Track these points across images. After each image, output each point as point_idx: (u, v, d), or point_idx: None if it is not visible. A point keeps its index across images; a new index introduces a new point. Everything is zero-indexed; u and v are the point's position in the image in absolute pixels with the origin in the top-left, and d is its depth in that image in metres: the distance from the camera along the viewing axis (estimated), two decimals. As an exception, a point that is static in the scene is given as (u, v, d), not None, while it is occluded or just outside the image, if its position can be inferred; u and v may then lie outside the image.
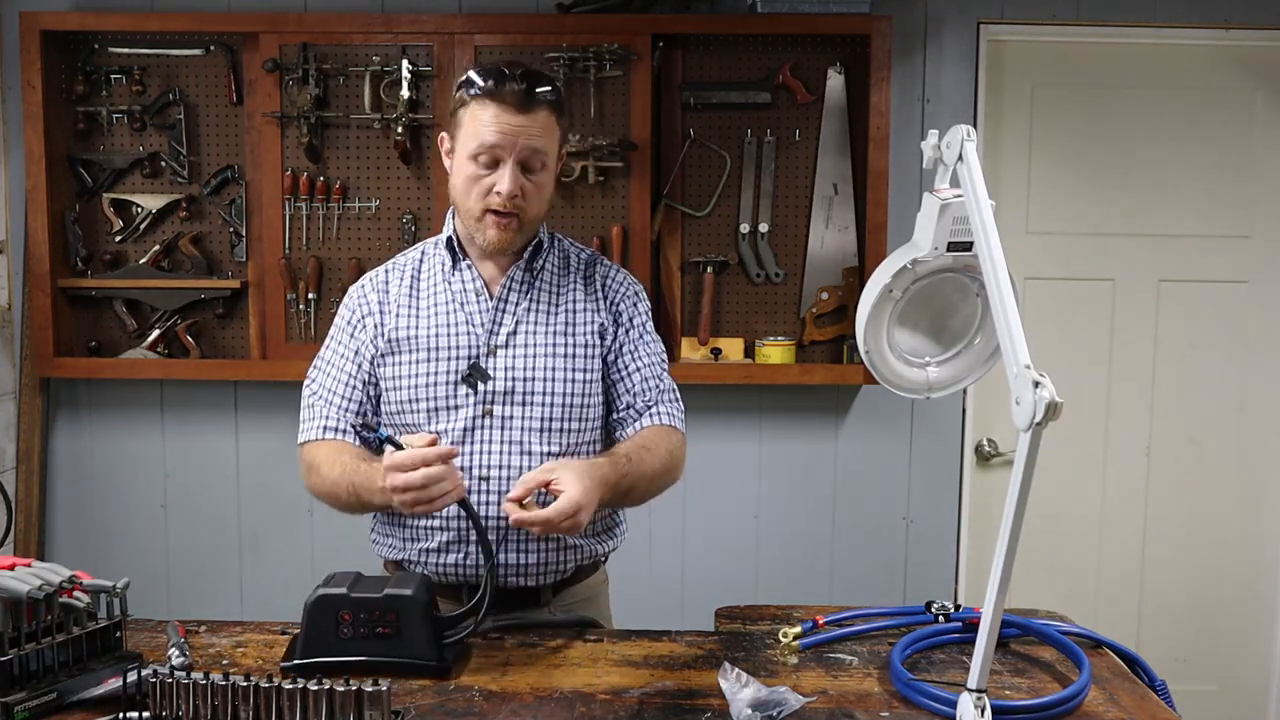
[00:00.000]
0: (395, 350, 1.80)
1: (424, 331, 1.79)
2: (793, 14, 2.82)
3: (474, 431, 1.76)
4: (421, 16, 2.86)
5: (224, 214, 2.97)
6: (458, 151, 1.75)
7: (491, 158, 1.71)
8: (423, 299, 1.83)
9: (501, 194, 1.71)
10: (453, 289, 1.82)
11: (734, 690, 1.40)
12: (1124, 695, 1.49)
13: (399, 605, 1.52)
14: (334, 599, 1.51)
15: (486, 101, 1.70)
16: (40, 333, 2.90)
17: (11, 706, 1.34)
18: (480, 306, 1.80)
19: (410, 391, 1.78)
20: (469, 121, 1.72)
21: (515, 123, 1.69)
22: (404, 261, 1.89)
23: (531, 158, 1.72)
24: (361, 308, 1.85)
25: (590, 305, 1.84)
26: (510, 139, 1.69)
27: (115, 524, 3.11)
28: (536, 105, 1.70)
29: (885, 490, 3.10)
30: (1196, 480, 3.17)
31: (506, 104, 1.69)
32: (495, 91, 1.69)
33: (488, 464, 1.76)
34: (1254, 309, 3.12)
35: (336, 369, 1.84)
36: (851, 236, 2.96)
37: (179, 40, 2.93)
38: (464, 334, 1.78)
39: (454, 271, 1.83)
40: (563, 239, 1.92)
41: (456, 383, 1.77)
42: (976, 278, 1.47)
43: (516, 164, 1.71)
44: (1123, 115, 3.06)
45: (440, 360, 1.78)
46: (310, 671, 1.43)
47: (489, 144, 1.70)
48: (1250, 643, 3.22)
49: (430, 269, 1.86)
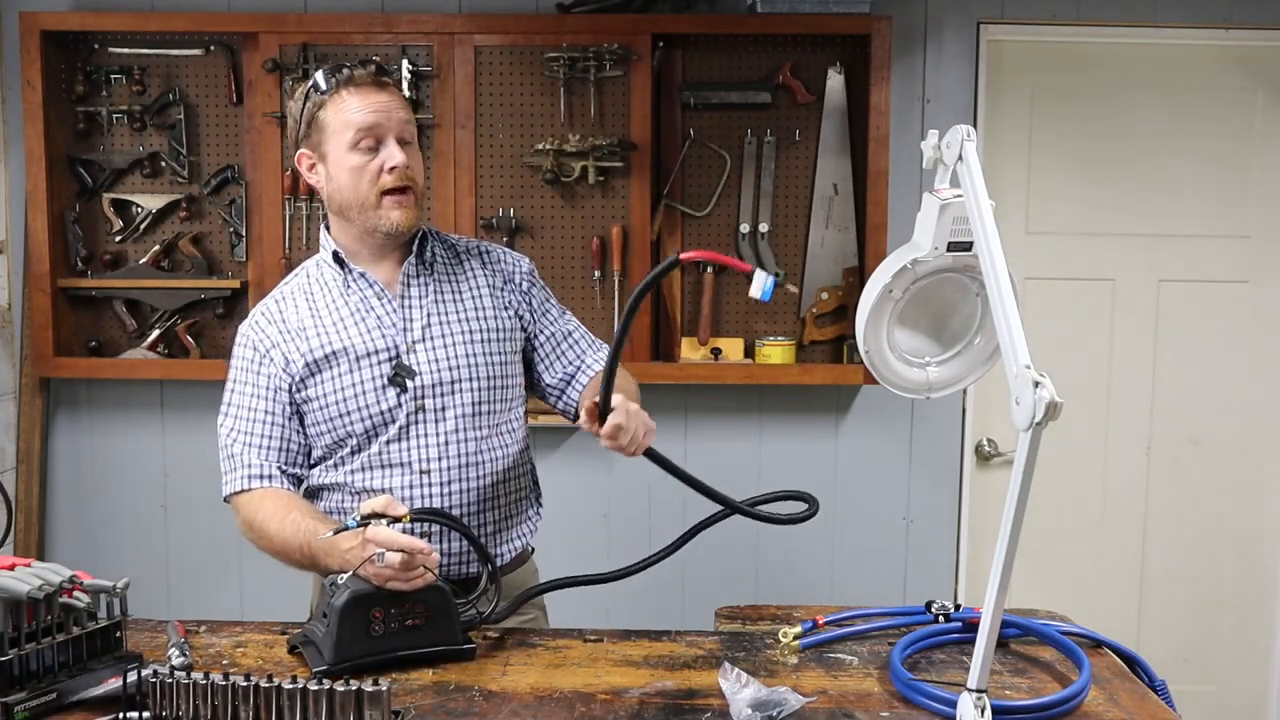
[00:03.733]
0: (315, 371, 1.78)
1: (340, 345, 1.77)
2: (793, 14, 2.82)
3: (409, 428, 1.77)
4: (421, 16, 2.86)
5: (224, 214, 2.97)
6: (331, 153, 1.74)
7: (373, 138, 1.72)
8: (325, 316, 1.80)
9: (396, 167, 1.72)
10: (351, 299, 1.80)
11: (734, 690, 1.40)
12: (1124, 695, 1.49)
13: (428, 595, 1.54)
14: (366, 598, 1.51)
15: (344, 92, 1.72)
16: (40, 333, 2.90)
17: (11, 706, 1.34)
18: (386, 308, 1.80)
19: (340, 406, 1.77)
20: (334, 117, 1.72)
21: (381, 100, 1.73)
22: (289, 289, 1.86)
23: (404, 130, 1.74)
24: (262, 343, 1.81)
25: (493, 286, 1.87)
26: (384, 115, 1.72)
27: (115, 524, 3.11)
28: (388, 84, 1.76)
29: (885, 490, 3.10)
30: (1196, 480, 3.17)
31: (364, 86, 1.72)
32: (350, 79, 1.72)
33: (426, 457, 1.78)
34: (1254, 309, 3.12)
35: (250, 410, 1.81)
36: (851, 236, 2.96)
37: (179, 40, 2.93)
38: (378, 337, 1.78)
39: (347, 283, 1.81)
40: (436, 230, 1.94)
41: (384, 386, 1.77)
42: (976, 278, 1.47)
43: (396, 139, 1.73)
44: (1123, 115, 3.06)
45: (363, 369, 1.77)
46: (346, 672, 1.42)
47: (367, 125, 1.71)
48: (1250, 643, 3.22)
49: (321, 287, 1.83)
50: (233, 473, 1.80)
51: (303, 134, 1.77)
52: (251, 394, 1.81)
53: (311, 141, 1.76)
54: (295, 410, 1.81)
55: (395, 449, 1.78)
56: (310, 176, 1.79)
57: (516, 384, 1.89)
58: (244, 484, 1.79)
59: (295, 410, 1.81)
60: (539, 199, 2.92)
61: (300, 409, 1.80)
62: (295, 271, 1.90)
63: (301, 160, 1.79)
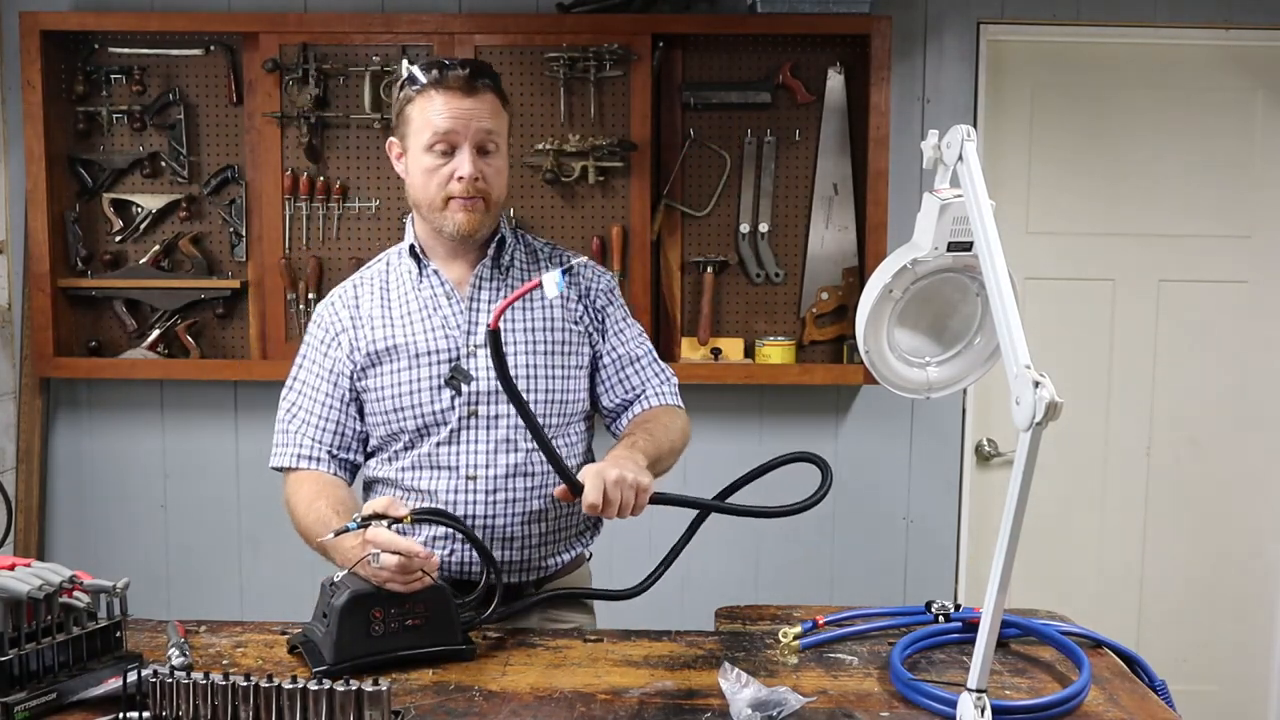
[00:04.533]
0: (376, 362, 1.79)
1: (402, 340, 1.78)
2: (793, 14, 2.82)
3: (460, 433, 1.77)
4: (421, 16, 2.86)
5: (224, 214, 2.97)
6: (411, 148, 1.75)
7: (447, 144, 1.71)
8: (395, 309, 1.82)
9: (464, 178, 1.71)
10: (422, 295, 1.81)
11: (734, 690, 1.40)
12: (1124, 695, 1.49)
13: (428, 595, 1.54)
14: (366, 598, 1.51)
15: (433, 92, 1.71)
16: (40, 333, 2.90)
17: (11, 706, 1.34)
18: (453, 309, 1.80)
19: (394, 400, 1.78)
20: (418, 114, 1.73)
21: (465, 106, 1.71)
22: (370, 274, 1.88)
23: (485, 140, 1.73)
24: (334, 325, 1.83)
25: (566, 298, 1.84)
26: (463, 123, 1.71)
27: (115, 524, 3.11)
28: (482, 89, 1.73)
29: (885, 490, 3.10)
30: (1196, 480, 3.16)
31: (453, 90, 1.70)
32: (440, 80, 1.71)
33: (474, 464, 1.77)
34: (1254, 309, 3.12)
35: (312, 389, 1.83)
36: (851, 236, 2.96)
37: (179, 40, 2.93)
38: (441, 337, 1.78)
39: (421, 278, 1.82)
40: (525, 233, 1.93)
41: (440, 387, 1.77)
42: (976, 278, 1.47)
43: (473, 148, 1.72)
44: (1123, 115, 3.06)
45: (421, 367, 1.77)
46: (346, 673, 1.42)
47: (443, 130, 1.71)
48: (1250, 643, 3.22)
49: (398, 278, 1.85)
50: (283, 448, 1.83)
51: (395, 124, 1.79)
52: (315, 374, 1.83)
53: (399, 133, 1.78)
54: (355, 397, 1.82)
55: (445, 451, 1.77)
56: (397, 165, 1.81)
57: (578, 399, 1.85)
58: (291, 462, 1.82)
59: (355, 397, 1.82)
60: (539, 199, 2.92)
61: (360, 397, 1.82)
62: (380, 257, 1.91)
63: (391, 148, 1.81)
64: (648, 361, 1.91)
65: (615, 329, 1.89)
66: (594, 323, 1.87)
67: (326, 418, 1.82)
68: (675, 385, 1.93)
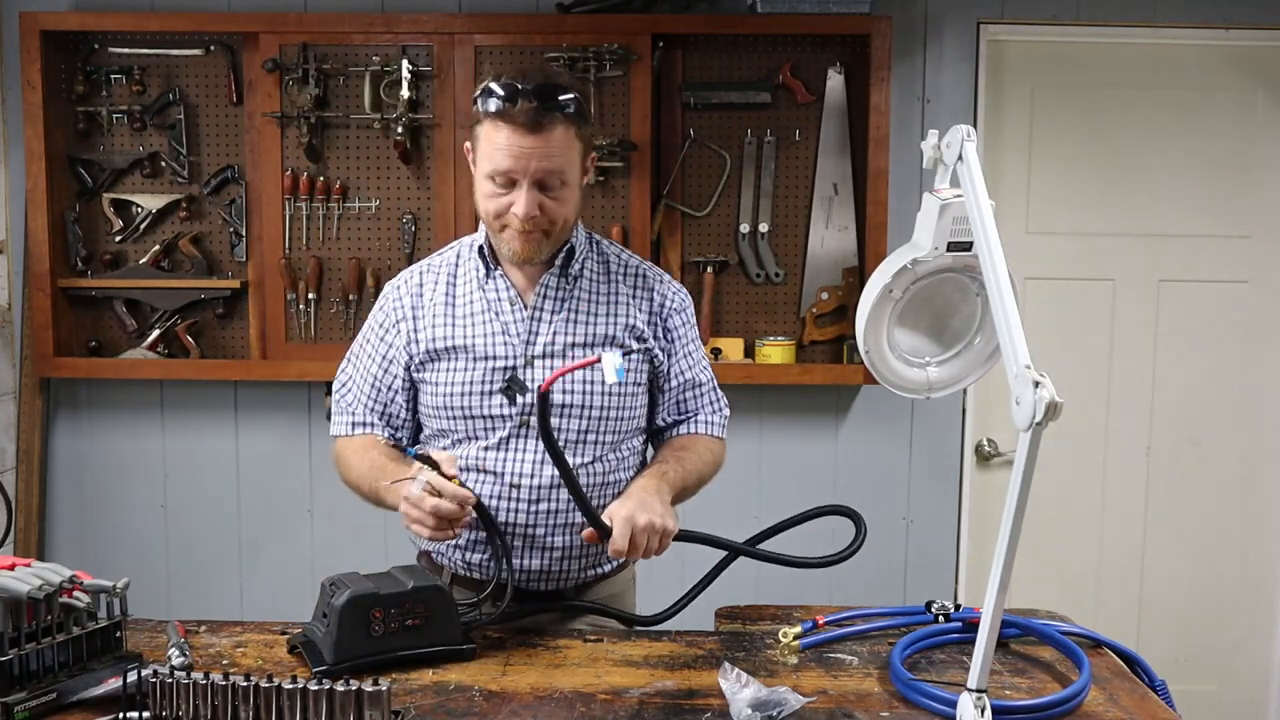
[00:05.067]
0: (434, 359, 1.79)
1: (461, 341, 1.78)
2: (793, 14, 2.82)
3: (510, 441, 1.77)
4: (421, 16, 2.86)
5: (224, 214, 2.97)
6: (477, 164, 1.72)
7: (506, 179, 1.67)
8: (458, 306, 1.80)
9: (519, 216, 1.67)
10: (487, 296, 1.80)
11: (734, 690, 1.40)
12: (1124, 695, 1.49)
13: (428, 596, 1.55)
14: (366, 598, 1.51)
15: (499, 123, 1.64)
16: (40, 333, 2.90)
17: (11, 706, 1.34)
18: (515, 316, 1.78)
19: (447, 399, 1.78)
20: (484, 141, 1.68)
21: (528, 145, 1.64)
22: (439, 263, 1.86)
23: (548, 178, 1.67)
24: (395, 311, 1.83)
25: (633, 316, 1.81)
26: (523, 163, 1.64)
27: (115, 524, 3.11)
28: (550, 123, 1.64)
29: (885, 490, 3.09)
30: (1196, 480, 3.17)
31: (518, 125, 1.63)
32: (507, 113, 1.63)
33: (520, 472, 1.76)
34: (1254, 309, 3.12)
35: (364, 368, 1.85)
36: (851, 236, 2.96)
37: (179, 40, 2.93)
38: (500, 344, 1.77)
39: (487, 278, 1.80)
40: (602, 240, 1.88)
41: (493, 393, 1.76)
42: (976, 278, 1.47)
43: (533, 185, 1.67)
44: (1123, 115, 3.06)
45: (477, 370, 1.76)
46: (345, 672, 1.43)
47: (503, 169, 1.66)
48: (1250, 643, 3.22)
49: (466, 273, 1.83)
50: (340, 416, 1.87)
51: (471, 127, 1.74)
52: (370, 356, 1.84)
53: (471, 140, 1.74)
54: (408, 385, 1.83)
55: (492, 457, 1.77)
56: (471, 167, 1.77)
57: (633, 416, 1.83)
58: (348, 430, 1.85)
59: (408, 385, 1.83)
60: (539, 199, 2.91)
61: (416, 386, 1.83)
62: (451, 246, 1.89)
63: (467, 150, 1.77)
64: (708, 389, 1.91)
65: (684, 350, 1.88)
66: (663, 340, 1.85)
67: (376, 399, 1.84)
68: (726, 416, 1.93)
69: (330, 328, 2.96)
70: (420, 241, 2.93)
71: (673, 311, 1.86)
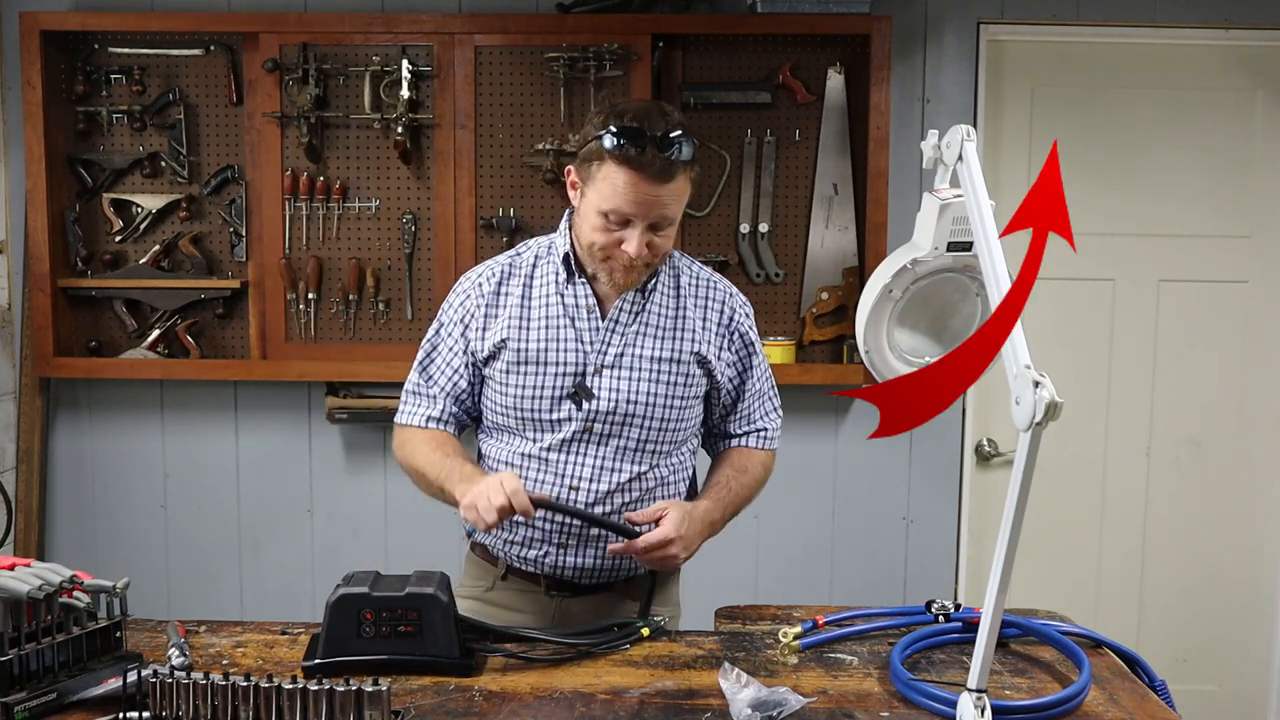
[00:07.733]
0: (503, 358, 1.80)
1: (533, 345, 1.78)
2: (793, 14, 2.82)
3: (572, 444, 1.79)
4: (421, 16, 2.86)
5: (224, 214, 2.97)
6: (588, 196, 1.70)
7: (621, 220, 1.67)
8: (534, 309, 1.81)
9: (630, 254, 1.68)
10: (565, 303, 1.80)
11: (734, 690, 1.40)
12: (1124, 695, 1.49)
13: (420, 604, 1.53)
14: (355, 598, 1.52)
15: (624, 167, 1.63)
16: (40, 333, 2.90)
17: (11, 706, 1.34)
18: (590, 325, 1.79)
19: (515, 400, 1.80)
20: (602, 180, 1.66)
21: (651, 193, 1.64)
22: (519, 263, 1.85)
23: (660, 220, 1.68)
24: (469, 303, 1.84)
25: (700, 332, 1.83)
26: (644, 209, 1.65)
27: (115, 524, 3.11)
28: (675, 174, 1.65)
29: (885, 490, 3.09)
30: (1196, 480, 3.16)
31: (644, 175, 1.63)
32: (633, 159, 1.62)
33: (579, 475, 1.80)
34: (1254, 309, 3.12)
35: (446, 358, 1.85)
36: (851, 236, 2.96)
37: (179, 40, 2.93)
38: (572, 351, 1.78)
39: (568, 285, 1.80)
40: (674, 254, 1.88)
41: (560, 398, 1.78)
42: (976, 278, 1.48)
43: (646, 227, 1.68)
44: (1122, 115, 3.06)
45: (547, 375, 1.78)
46: (332, 670, 1.43)
47: (622, 212, 1.66)
48: (1250, 642, 3.22)
49: (544, 277, 1.82)
50: (414, 406, 1.87)
51: (580, 156, 1.71)
52: (452, 346, 1.85)
53: (582, 172, 1.71)
54: (481, 378, 1.85)
55: (554, 458, 1.80)
56: (570, 190, 1.77)
57: (688, 426, 1.87)
58: (420, 422, 1.86)
59: (481, 378, 1.85)
60: (539, 199, 2.92)
61: (485, 378, 1.84)
62: (529, 244, 1.88)
63: (569, 174, 1.76)
64: (769, 396, 1.95)
65: (756, 361, 1.91)
66: (727, 352, 1.87)
67: (457, 385, 1.85)
68: (780, 422, 1.97)
69: (330, 328, 2.96)
70: (420, 241, 2.93)
71: (741, 322, 1.89)
